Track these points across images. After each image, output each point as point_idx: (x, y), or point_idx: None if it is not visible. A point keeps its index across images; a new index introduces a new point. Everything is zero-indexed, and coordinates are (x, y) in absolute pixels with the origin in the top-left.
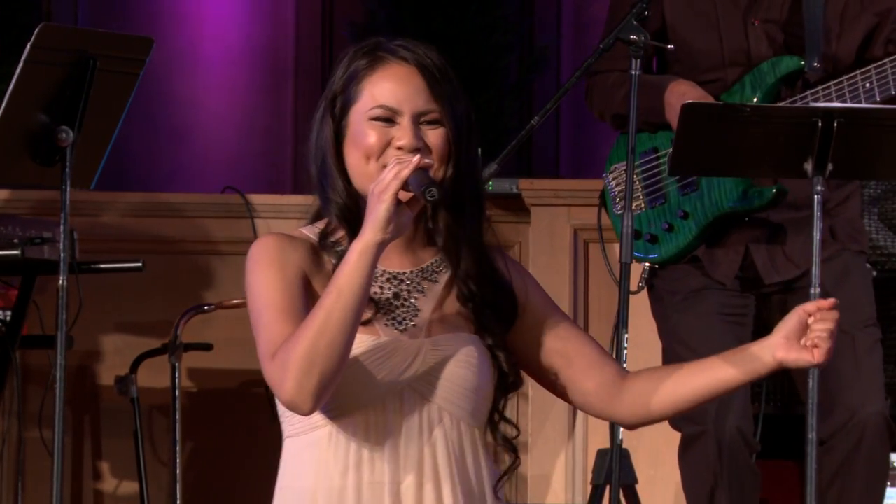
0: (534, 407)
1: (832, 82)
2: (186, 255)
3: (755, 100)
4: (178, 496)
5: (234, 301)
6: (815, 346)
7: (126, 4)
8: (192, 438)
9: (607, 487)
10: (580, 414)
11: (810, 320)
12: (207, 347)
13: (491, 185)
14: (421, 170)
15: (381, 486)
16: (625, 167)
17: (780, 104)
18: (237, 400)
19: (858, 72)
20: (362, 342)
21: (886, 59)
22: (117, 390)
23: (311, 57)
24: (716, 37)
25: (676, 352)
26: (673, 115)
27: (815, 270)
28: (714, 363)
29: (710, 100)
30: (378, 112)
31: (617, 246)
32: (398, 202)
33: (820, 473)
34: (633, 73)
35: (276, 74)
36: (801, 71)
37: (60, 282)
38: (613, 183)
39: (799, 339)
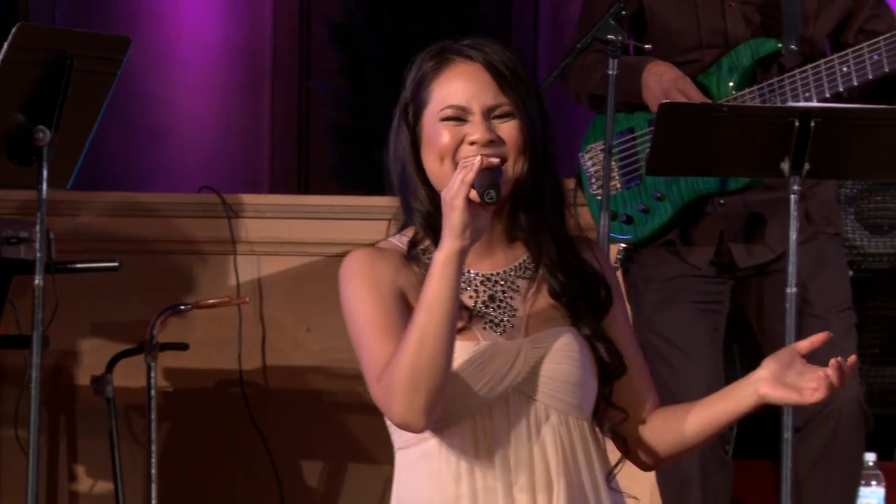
0: None
1: (809, 66)
2: (163, 255)
3: (731, 83)
4: (154, 496)
5: (211, 301)
6: (815, 388)
7: (103, 4)
8: (167, 438)
9: None
10: None
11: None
12: (183, 347)
13: None
14: (487, 170)
15: (495, 491)
16: (601, 147)
17: (759, 104)
18: (213, 400)
19: (836, 56)
20: (462, 350)
21: (864, 44)
22: (93, 390)
23: (289, 57)
24: (693, 17)
25: (655, 345)
26: (649, 96)
27: (791, 269)
28: (711, 401)
29: (688, 81)
30: (448, 112)
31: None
32: (471, 205)
33: (796, 465)
34: (611, 72)
35: (253, 74)
36: (778, 54)
37: (36, 281)
38: (590, 163)
39: (785, 375)
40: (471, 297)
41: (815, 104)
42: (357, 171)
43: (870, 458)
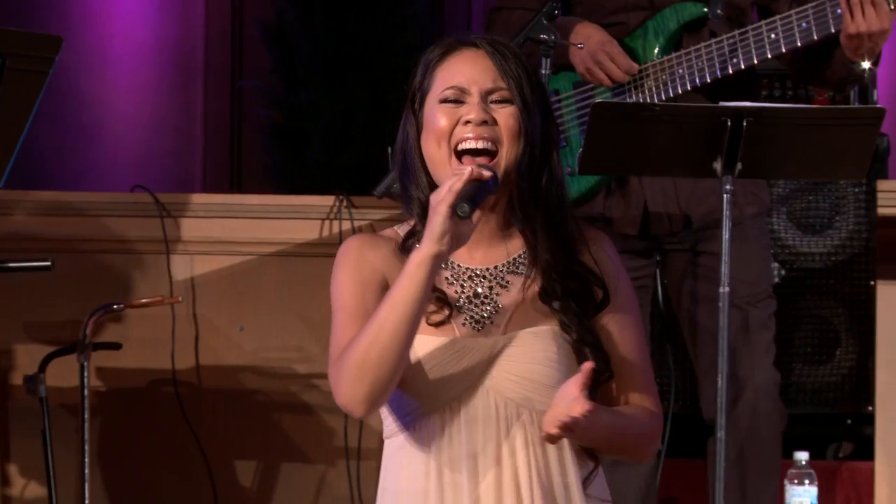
0: None
1: (737, 32)
2: (96, 255)
3: (657, 48)
4: (87, 496)
5: (143, 300)
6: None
7: (35, 3)
8: (100, 438)
9: None
10: None
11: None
12: (116, 346)
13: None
14: (475, 181)
15: (461, 487)
16: None
17: (691, 104)
18: (146, 399)
19: (764, 23)
20: (436, 344)
21: (793, 11)
22: (26, 390)
23: (221, 55)
24: None
25: None
26: (576, 58)
27: (724, 269)
28: None
29: (615, 44)
30: (447, 94)
31: None
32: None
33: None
34: (544, 72)
35: (185, 73)
36: (705, 18)
37: None
38: None
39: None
40: (456, 291)
41: (748, 104)
42: (290, 170)
43: (803, 457)
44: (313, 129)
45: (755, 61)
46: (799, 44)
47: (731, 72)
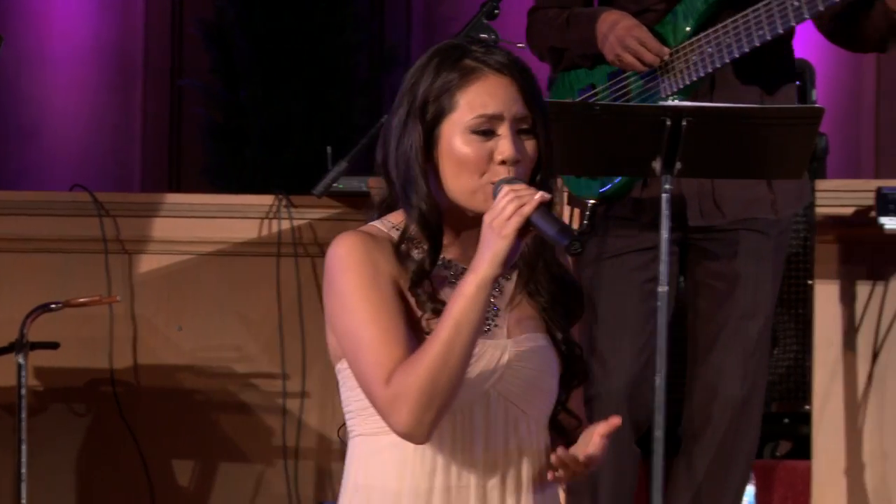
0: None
1: (761, 4)
2: (34, 254)
3: (687, 28)
4: (24, 496)
5: (82, 299)
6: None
7: None
8: (38, 437)
9: None
10: None
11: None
12: (54, 346)
13: (341, 185)
14: (544, 205)
15: (468, 490)
16: None
17: (633, 104)
18: (84, 399)
19: None
20: None
21: None
22: None
23: (160, 55)
24: None
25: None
26: (605, 45)
27: (663, 269)
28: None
29: (643, 29)
30: (479, 122)
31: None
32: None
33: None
34: None
35: (124, 72)
36: None
37: None
38: None
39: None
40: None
41: (688, 103)
42: (229, 170)
43: None
44: (252, 129)
45: (780, 31)
46: (822, 7)
47: (758, 44)
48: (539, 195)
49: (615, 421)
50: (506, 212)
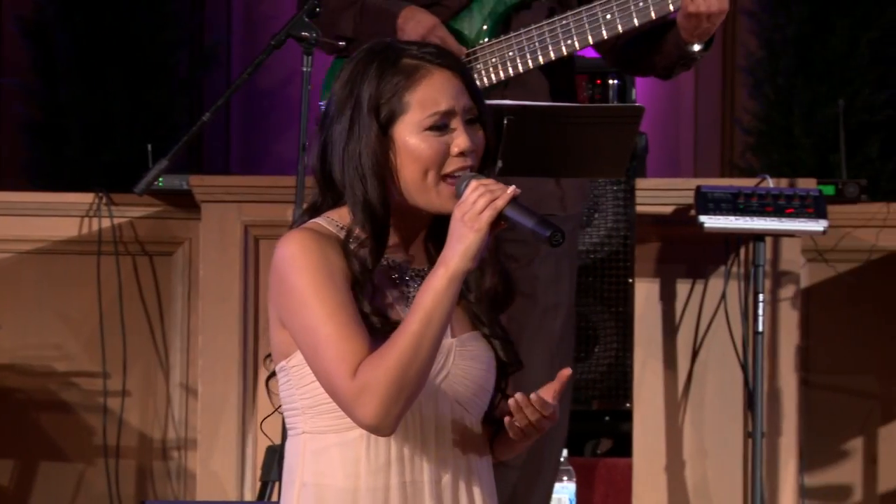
0: (203, 404)
1: (584, 8)
2: None
3: (485, 27)
4: None
5: None
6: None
7: None
8: None
9: (276, 483)
10: (254, 411)
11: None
12: None
13: (161, 182)
14: (514, 198)
15: (422, 485)
16: None
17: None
18: None
19: (597, 3)
20: None
21: (595, 3)
22: None
23: None
24: None
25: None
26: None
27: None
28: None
29: (444, 28)
30: (433, 120)
31: None
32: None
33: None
34: (305, 69)
35: None
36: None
37: None
38: None
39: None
40: (403, 290)
41: (508, 102)
42: (49, 168)
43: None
44: (72, 127)
45: (590, 42)
46: (636, 23)
47: (564, 54)
48: (511, 189)
49: (566, 372)
50: (477, 205)
